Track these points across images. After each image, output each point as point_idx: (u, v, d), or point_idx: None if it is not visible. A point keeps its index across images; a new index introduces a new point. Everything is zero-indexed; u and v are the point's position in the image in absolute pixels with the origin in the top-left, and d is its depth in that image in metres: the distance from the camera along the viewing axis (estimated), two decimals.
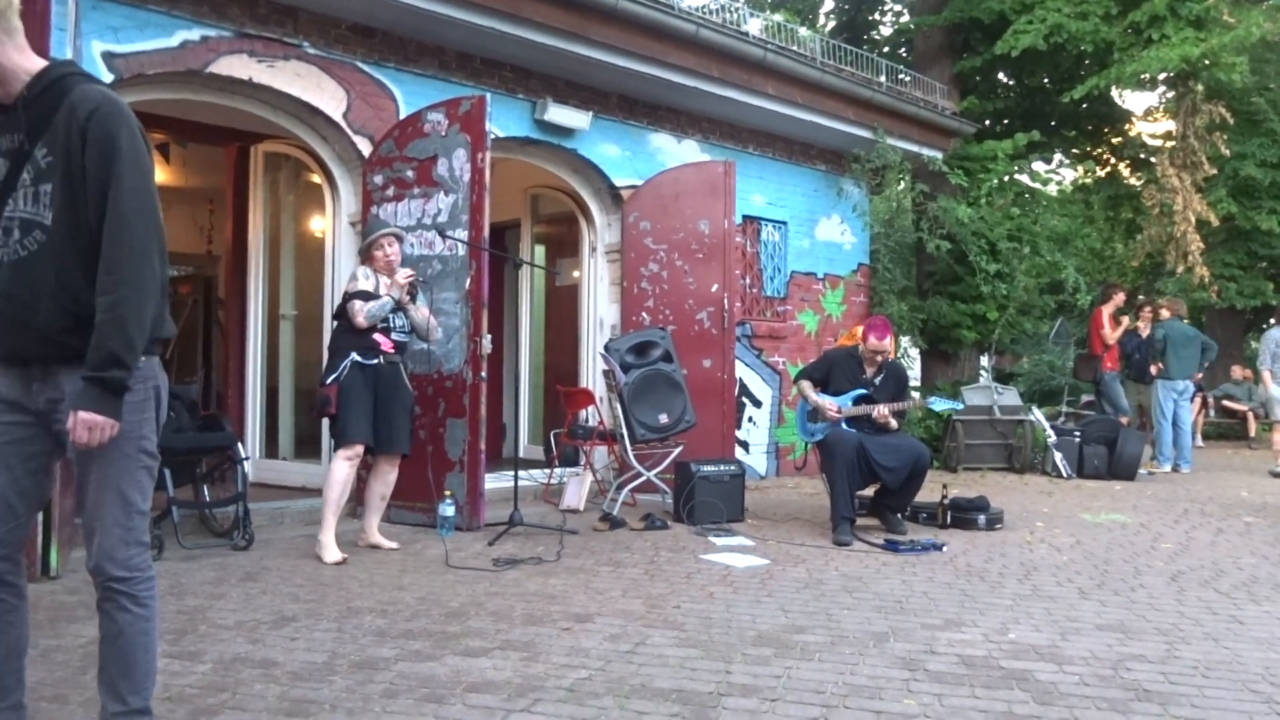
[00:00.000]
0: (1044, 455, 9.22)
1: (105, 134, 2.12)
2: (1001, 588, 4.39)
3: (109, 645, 2.23)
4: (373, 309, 4.90)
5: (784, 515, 6.45)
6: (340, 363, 4.87)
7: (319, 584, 4.26)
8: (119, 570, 2.20)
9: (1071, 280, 9.57)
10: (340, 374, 4.84)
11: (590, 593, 4.16)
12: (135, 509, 2.22)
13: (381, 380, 4.94)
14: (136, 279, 2.11)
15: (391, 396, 4.97)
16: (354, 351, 4.87)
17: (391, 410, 4.98)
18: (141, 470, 2.24)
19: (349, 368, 4.85)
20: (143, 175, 2.16)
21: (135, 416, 2.22)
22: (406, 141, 5.92)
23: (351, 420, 4.83)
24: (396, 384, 5.01)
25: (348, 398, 4.82)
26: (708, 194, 7.31)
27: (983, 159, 10.18)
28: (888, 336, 5.80)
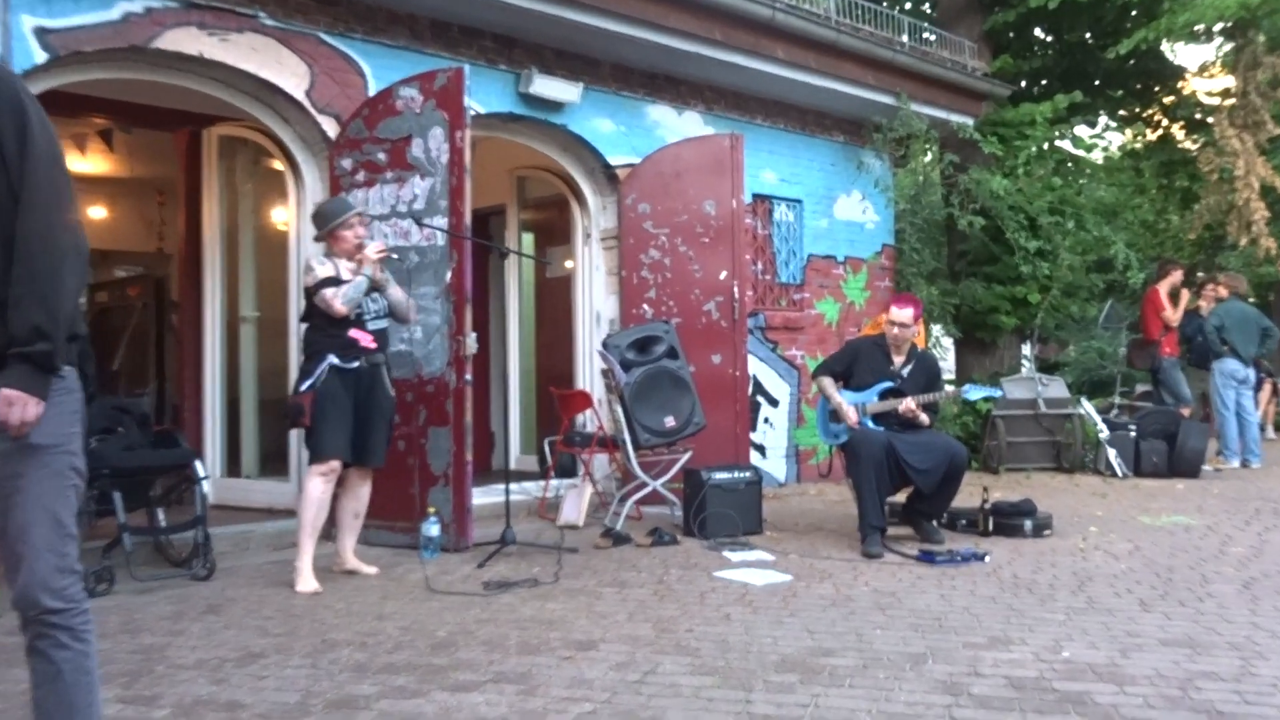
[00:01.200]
0: (1096, 452, 9.20)
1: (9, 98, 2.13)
2: (1052, 601, 4.37)
3: (47, 690, 2.19)
4: (348, 292, 4.87)
5: (806, 526, 6.43)
6: (316, 366, 4.84)
7: (290, 615, 4.25)
8: (54, 601, 2.16)
9: (1121, 257, 9.55)
10: (316, 379, 4.81)
11: (593, 617, 4.14)
12: (67, 532, 2.19)
13: (361, 385, 4.92)
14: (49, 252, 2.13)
15: (371, 403, 4.95)
16: (331, 353, 4.84)
17: (371, 418, 4.96)
18: (71, 489, 2.22)
19: (326, 372, 4.82)
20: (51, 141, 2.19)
21: (68, 429, 2.19)
22: (377, 121, 5.90)
23: (328, 432, 4.81)
24: (377, 389, 4.98)
25: (324, 406, 4.80)
26: (713, 171, 7.30)
27: (1019, 124, 10.15)
28: (909, 308, 5.78)
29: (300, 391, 4.83)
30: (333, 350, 4.85)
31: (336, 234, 5.00)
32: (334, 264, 4.96)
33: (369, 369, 4.96)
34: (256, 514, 6.27)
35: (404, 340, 5.71)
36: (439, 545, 5.46)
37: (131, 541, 4.83)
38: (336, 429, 4.83)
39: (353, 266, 4.99)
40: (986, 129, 9.87)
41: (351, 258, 5.01)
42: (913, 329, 5.84)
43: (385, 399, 5.04)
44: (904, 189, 9.94)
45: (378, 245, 5.05)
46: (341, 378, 4.86)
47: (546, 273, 8.83)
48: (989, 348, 10.65)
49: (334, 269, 4.94)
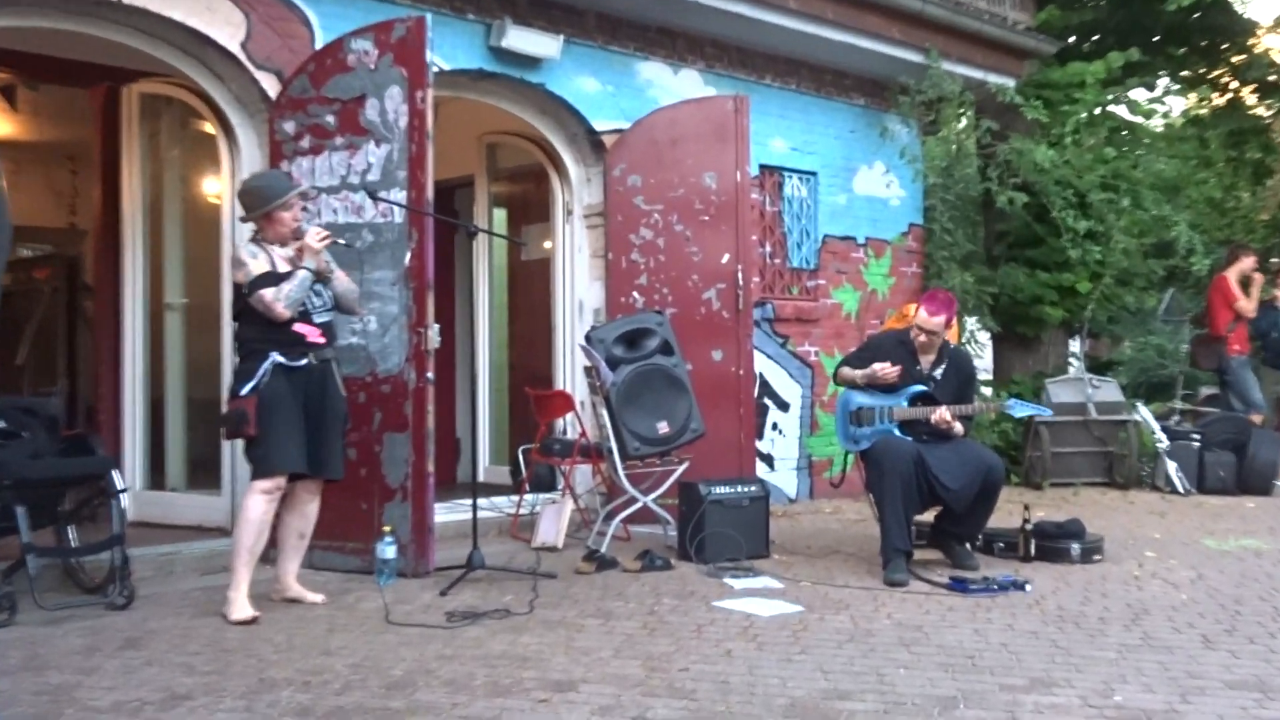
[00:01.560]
0: (1154, 465, 9.23)
1: None
2: (1103, 636, 4.38)
3: None
4: (291, 291, 4.83)
5: (820, 548, 6.44)
6: (257, 366, 4.80)
7: (222, 650, 4.24)
8: None
9: (1184, 240, 9.57)
10: (259, 381, 4.77)
11: (573, 653, 4.15)
12: None
13: (311, 386, 4.90)
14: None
15: (323, 406, 4.94)
16: (275, 350, 4.81)
17: (323, 424, 4.95)
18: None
19: (270, 373, 4.79)
20: None
21: None
22: (325, 78, 5.89)
23: (276, 442, 4.77)
24: (328, 389, 4.98)
25: (270, 412, 4.75)
26: (714, 139, 7.30)
27: (1066, 86, 10.18)
28: (942, 315, 5.78)
29: (240, 395, 4.78)
30: (276, 347, 4.82)
31: (273, 216, 4.95)
32: (266, 252, 4.89)
33: (318, 367, 4.94)
34: (183, 532, 6.26)
35: (356, 332, 5.71)
36: (395, 570, 5.44)
37: (37, 564, 4.80)
38: (286, 438, 4.80)
39: (288, 254, 4.94)
40: (1029, 91, 9.89)
41: (286, 243, 4.96)
42: (941, 336, 5.86)
43: (338, 400, 5.03)
44: (934, 160, 9.94)
45: (320, 231, 5.00)
46: (288, 378, 4.83)
47: (521, 255, 8.82)
48: (1032, 344, 10.68)
49: (267, 260, 4.87)
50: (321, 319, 4.99)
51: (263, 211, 4.95)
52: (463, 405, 8.91)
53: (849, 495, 7.62)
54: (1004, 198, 9.25)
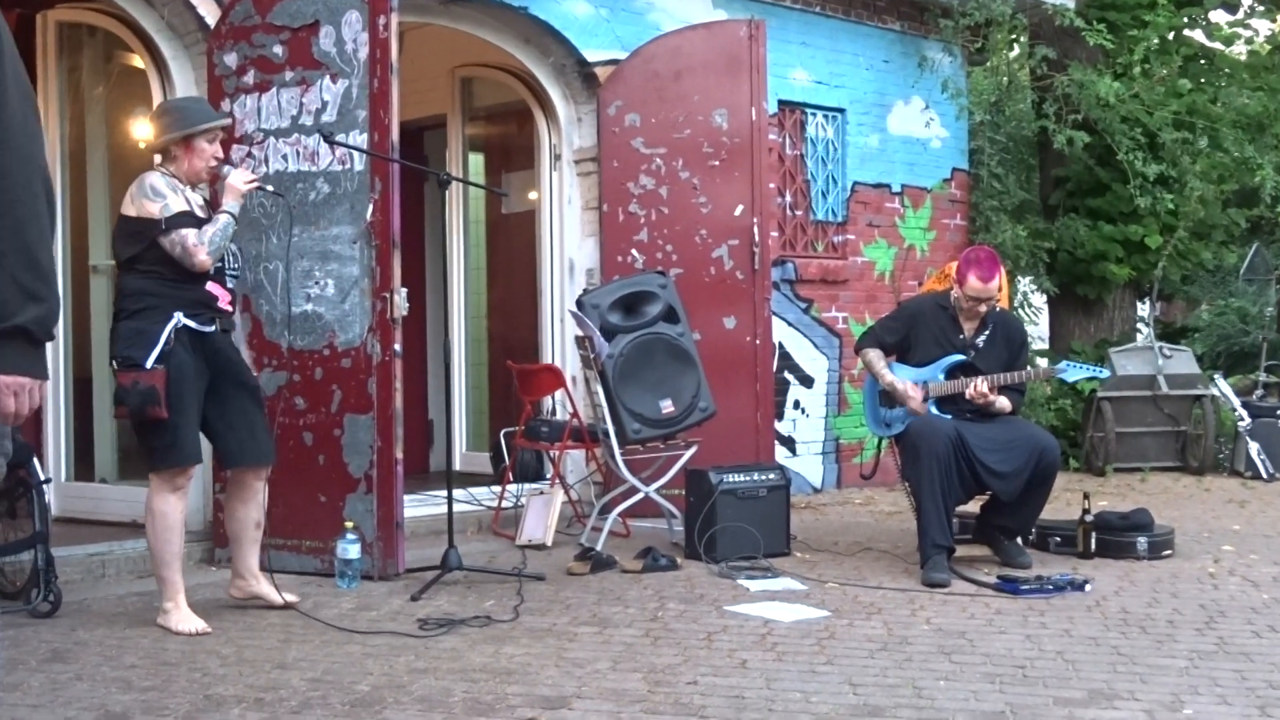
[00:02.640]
0: (1233, 447, 9.27)
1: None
2: (1172, 642, 4.42)
3: None
4: (214, 237, 4.72)
5: (849, 545, 6.48)
6: (159, 329, 4.64)
7: (162, 663, 4.26)
8: None
9: (1270, 186, 9.58)
10: (165, 347, 4.63)
11: (565, 665, 4.18)
12: None
13: (216, 358, 4.84)
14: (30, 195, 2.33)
15: (237, 380, 4.90)
16: (179, 310, 4.69)
17: (243, 402, 4.91)
18: None
19: (175, 337, 4.66)
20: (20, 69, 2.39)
21: None
22: (272, 2, 5.87)
23: (185, 427, 4.69)
24: (234, 359, 4.96)
25: (180, 390, 4.64)
26: (726, 70, 7.28)
27: (1135, 7, 10.16)
28: (996, 276, 5.81)
29: (146, 366, 4.61)
30: (181, 306, 4.70)
31: (193, 144, 4.82)
32: (184, 195, 4.80)
33: (222, 338, 4.89)
34: (115, 529, 6.26)
35: (311, 298, 5.72)
36: (359, 571, 5.47)
37: None
38: (194, 422, 4.75)
39: (198, 199, 4.87)
40: (1092, 13, 9.88)
41: (198, 184, 4.91)
42: (998, 299, 5.88)
43: (247, 372, 5.03)
44: (982, 95, 9.92)
45: (246, 175, 4.95)
46: (192, 347, 4.73)
47: (502, 207, 8.82)
48: (1094, 307, 10.70)
49: (183, 199, 4.77)
50: (232, 282, 4.95)
51: (182, 134, 4.81)
52: (435, 383, 8.92)
53: (882, 484, 7.65)
54: (1062, 138, 9.25)
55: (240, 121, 5.87)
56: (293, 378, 5.75)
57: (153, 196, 4.72)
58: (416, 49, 7.89)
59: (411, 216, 7.56)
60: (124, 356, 4.68)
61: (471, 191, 8.74)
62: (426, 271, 8.88)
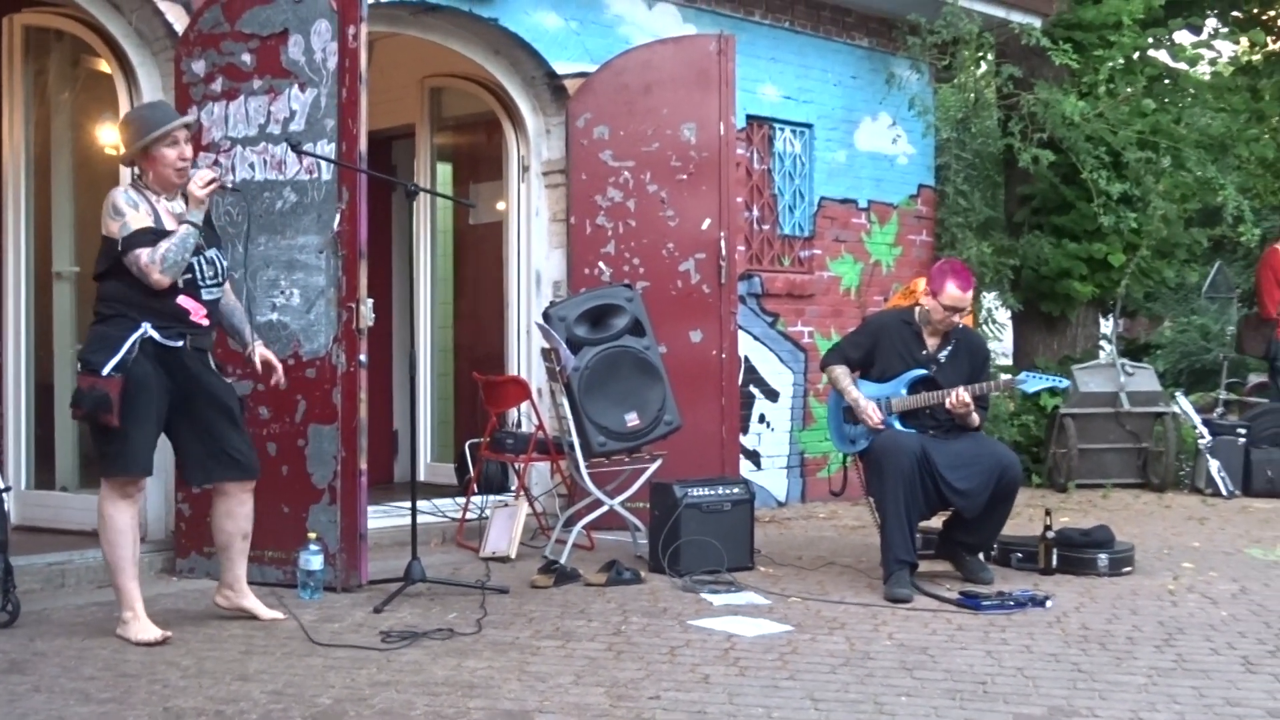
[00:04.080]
0: (1194, 464, 9.34)
1: None
2: (1131, 659, 4.45)
3: None
4: (168, 254, 4.64)
5: (813, 559, 6.50)
6: (124, 336, 4.63)
7: (121, 675, 4.24)
8: None
9: (1232, 205, 9.65)
10: (126, 357, 4.62)
11: (527, 679, 4.17)
12: None
13: (182, 374, 4.78)
14: None
15: (207, 397, 4.84)
16: (147, 321, 4.67)
17: (210, 419, 4.85)
18: None
19: (139, 347, 4.64)
20: None
21: None
22: (241, 10, 5.86)
23: (139, 437, 4.67)
24: (204, 378, 4.85)
25: (136, 399, 4.62)
26: (694, 84, 7.31)
27: (1101, 28, 10.22)
28: (971, 288, 5.85)
29: (103, 373, 4.59)
30: (150, 317, 4.68)
31: (153, 153, 4.76)
32: (148, 201, 4.75)
33: (193, 355, 4.82)
34: (76, 538, 6.21)
35: (276, 308, 5.70)
36: (322, 583, 5.45)
37: None
38: (149, 434, 4.72)
39: (175, 207, 4.79)
40: (1059, 33, 9.94)
41: (172, 190, 4.82)
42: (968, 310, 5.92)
43: (221, 389, 4.93)
44: (949, 111, 9.98)
45: (205, 174, 4.83)
46: (157, 359, 4.69)
47: (469, 218, 8.81)
48: (1058, 324, 10.76)
49: (149, 211, 4.72)
50: (210, 295, 4.87)
51: (140, 146, 4.76)
52: (400, 393, 8.89)
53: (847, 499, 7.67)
54: (1027, 156, 9.30)
55: (208, 129, 5.85)
56: (257, 387, 5.68)
57: (114, 215, 4.70)
58: (386, 59, 7.88)
59: (379, 226, 7.56)
60: (85, 359, 4.69)
61: (439, 202, 8.73)
62: (393, 282, 8.86)
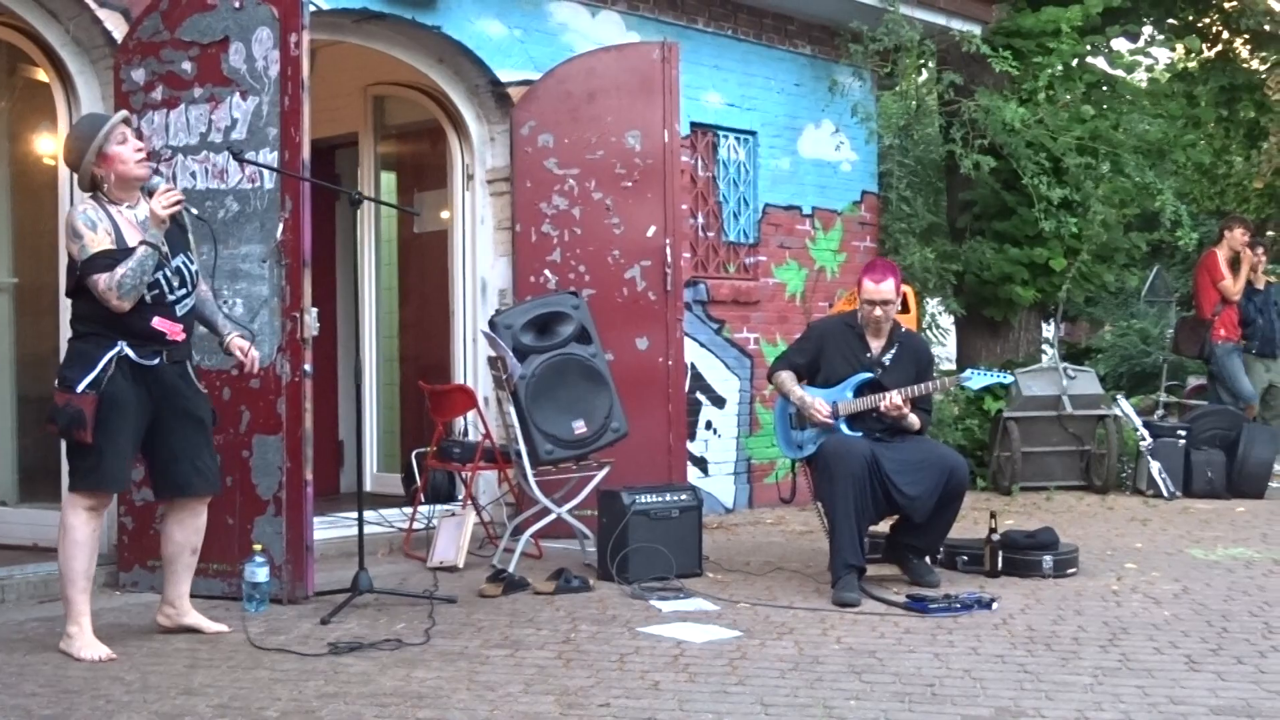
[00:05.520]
0: (1135, 466, 9.45)
1: None
2: (1077, 659, 4.50)
3: None
4: (125, 278, 4.59)
5: (761, 565, 6.52)
6: (100, 354, 4.64)
7: (63, 691, 4.20)
8: None
9: (1170, 210, 9.77)
10: (101, 375, 4.61)
11: (476, 689, 4.17)
12: None
13: (160, 389, 4.77)
14: None
15: (182, 410, 4.83)
16: (123, 340, 4.67)
17: (186, 432, 4.84)
18: None
19: (114, 365, 4.63)
20: None
21: None
22: (181, 18, 5.82)
23: (112, 454, 4.66)
24: (182, 391, 4.84)
25: (109, 416, 4.61)
26: (639, 92, 7.33)
27: (1040, 35, 10.32)
28: (890, 279, 5.89)
29: (76, 390, 4.61)
30: (125, 335, 4.69)
31: (108, 155, 4.70)
32: (110, 217, 4.69)
33: (171, 368, 4.81)
34: (16, 553, 6.19)
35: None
36: (268, 595, 5.42)
37: None
38: (122, 451, 4.71)
39: (140, 213, 4.72)
40: (998, 40, 10.03)
41: (134, 190, 4.75)
42: (895, 305, 5.96)
43: (199, 402, 4.93)
44: (891, 118, 10.05)
45: (168, 191, 4.77)
46: (134, 377, 4.69)
47: (414, 227, 8.78)
48: (1000, 329, 10.85)
49: (109, 228, 4.65)
50: (183, 308, 4.84)
51: (92, 153, 4.69)
52: (346, 403, 8.85)
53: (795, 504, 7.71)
54: (969, 162, 9.38)
55: (148, 138, 5.80)
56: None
57: (72, 238, 4.69)
58: (328, 66, 7.85)
59: (322, 235, 7.52)
60: (62, 376, 4.72)
61: (384, 210, 8.70)
62: (338, 291, 8.81)
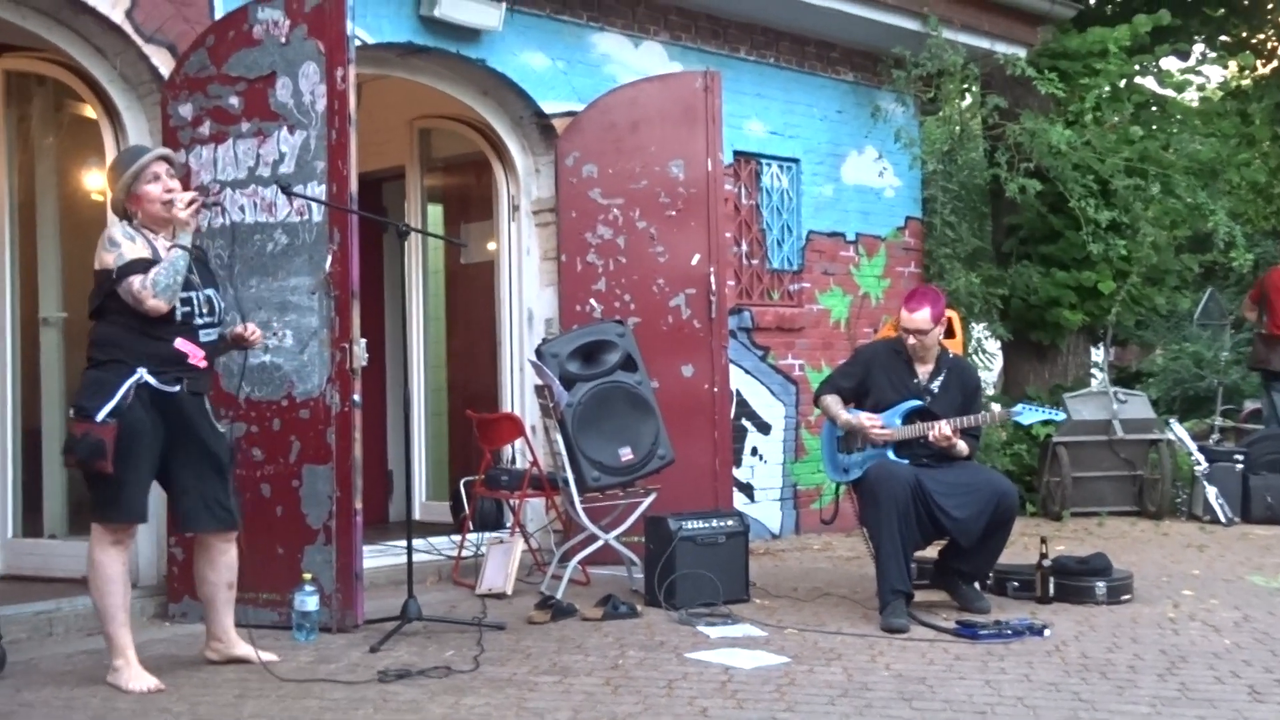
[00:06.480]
0: (1190, 491, 9.35)
1: None
2: (1134, 688, 4.45)
3: None
4: (160, 276, 4.61)
5: (809, 591, 6.49)
6: (119, 381, 4.59)
7: None
8: None
9: (1223, 231, 9.68)
10: (120, 403, 4.58)
11: (525, 715, 4.17)
12: None
13: (179, 419, 4.75)
14: None
15: (197, 444, 4.80)
16: (143, 366, 4.64)
17: (198, 467, 4.81)
18: None
19: (134, 393, 4.60)
20: None
21: None
22: (228, 53, 5.89)
23: (133, 484, 4.63)
24: (199, 425, 4.81)
25: (130, 446, 4.57)
26: (681, 121, 7.36)
27: (1087, 56, 10.29)
28: (926, 308, 5.87)
29: (97, 419, 4.55)
30: (146, 361, 4.65)
31: (136, 192, 4.76)
32: (144, 238, 4.74)
33: (190, 400, 4.78)
34: (64, 586, 6.17)
35: (269, 349, 5.71)
36: (317, 624, 5.44)
37: None
38: (143, 480, 4.70)
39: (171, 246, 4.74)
40: (1044, 62, 10.01)
41: (164, 226, 4.79)
42: (935, 333, 5.94)
43: (215, 439, 4.88)
44: (934, 144, 10.03)
45: (185, 196, 4.81)
46: (153, 406, 4.66)
47: (461, 258, 8.83)
48: (1048, 353, 10.79)
49: (146, 245, 4.71)
50: (207, 337, 4.85)
51: (122, 186, 4.76)
52: (395, 432, 8.89)
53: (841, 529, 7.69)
54: (1014, 186, 9.34)
55: (196, 172, 5.88)
56: (250, 429, 5.74)
57: (109, 248, 4.70)
58: (374, 100, 7.92)
59: (370, 267, 7.57)
60: (79, 406, 4.65)
61: (430, 242, 8.75)
62: (385, 321, 8.86)
